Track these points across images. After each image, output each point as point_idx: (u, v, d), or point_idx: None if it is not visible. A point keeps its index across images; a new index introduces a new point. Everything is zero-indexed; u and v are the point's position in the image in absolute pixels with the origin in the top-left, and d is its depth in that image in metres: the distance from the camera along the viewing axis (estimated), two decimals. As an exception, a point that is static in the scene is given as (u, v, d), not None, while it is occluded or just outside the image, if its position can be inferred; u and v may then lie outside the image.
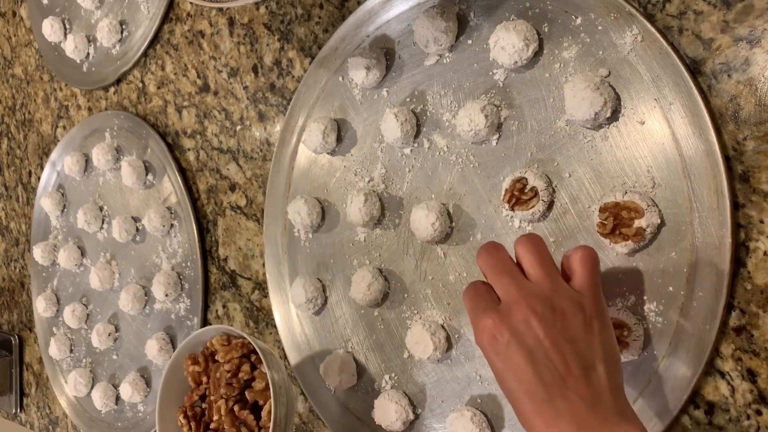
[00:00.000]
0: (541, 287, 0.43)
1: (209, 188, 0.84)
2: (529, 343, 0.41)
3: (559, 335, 0.41)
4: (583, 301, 0.43)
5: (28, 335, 1.14)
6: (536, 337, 0.41)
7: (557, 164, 0.55)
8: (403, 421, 0.62)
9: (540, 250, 0.45)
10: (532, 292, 0.43)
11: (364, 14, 0.66)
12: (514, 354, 0.41)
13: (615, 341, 0.44)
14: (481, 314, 0.43)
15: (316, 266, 0.71)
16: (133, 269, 0.92)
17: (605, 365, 0.42)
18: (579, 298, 0.43)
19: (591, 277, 0.45)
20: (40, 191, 1.07)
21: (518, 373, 0.41)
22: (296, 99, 0.72)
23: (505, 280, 0.44)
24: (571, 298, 0.43)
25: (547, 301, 0.42)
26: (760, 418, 0.47)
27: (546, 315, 0.42)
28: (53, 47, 1.04)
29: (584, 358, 0.41)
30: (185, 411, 0.65)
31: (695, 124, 0.48)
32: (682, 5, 0.50)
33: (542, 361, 0.41)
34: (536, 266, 0.44)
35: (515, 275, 0.44)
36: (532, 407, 0.41)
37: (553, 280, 0.44)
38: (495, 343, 0.42)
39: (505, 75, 0.58)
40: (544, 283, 0.44)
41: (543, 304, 0.42)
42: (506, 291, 0.44)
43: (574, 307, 0.43)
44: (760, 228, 0.47)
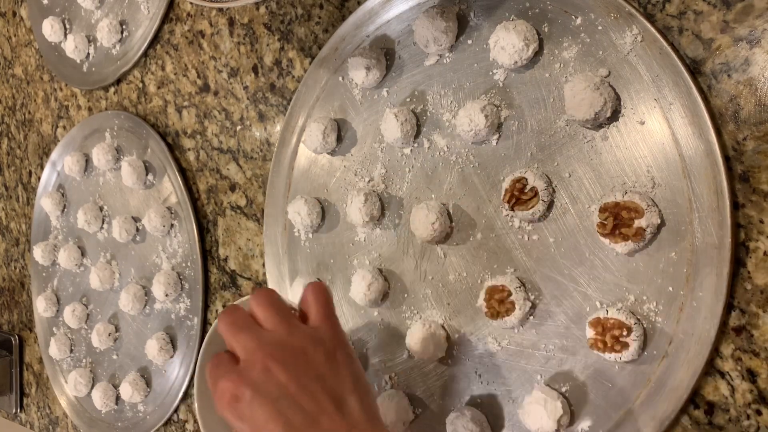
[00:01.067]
0: (278, 333, 0.42)
1: (209, 188, 0.84)
2: (272, 393, 0.39)
3: (304, 375, 0.40)
4: (321, 335, 0.43)
5: (28, 335, 1.14)
6: (279, 384, 0.40)
7: (557, 164, 0.55)
8: (403, 421, 0.62)
9: (271, 299, 0.45)
10: (268, 340, 0.42)
11: (364, 14, 0.66)
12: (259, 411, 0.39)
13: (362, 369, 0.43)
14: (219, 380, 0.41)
15: (316, 266, 0.71)
16: (133, 269, 0.92)
17: (357, 395, 0.41)
18: (317, 333, 0.43)
19: (324, 309, 0.44)
20: (40, 191, 1.07)
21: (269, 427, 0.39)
22: (296, 99, 0.72)
23: (242, 336, 0.42)
24: (309, 335, 0.42)
25: (284, 344, 0.41)
26: (760, 418, 0.47)
27: (286, 358, 0.40)
28: (53, 47, 1.04)
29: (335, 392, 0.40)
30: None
31: (695, 124, 0.48)
32: (682, 5, 0.50)
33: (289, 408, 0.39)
34: (270, 315, 0.43)
35: (251, 328, 0.43)
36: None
37: (288, 324, 0.43)
38: (237, 406, 0.40)
39: (505, 75, 0.58)
40: (280, 328, 0.43)
41: (281, 349, 0.41)
42: (243, 346, 0.42)
43: (313, 343, 0.42)
44: (760, 228, 0.47)
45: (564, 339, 0.55)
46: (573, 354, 0.54)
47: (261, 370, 0.40)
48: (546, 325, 0.55)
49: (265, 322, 0.44)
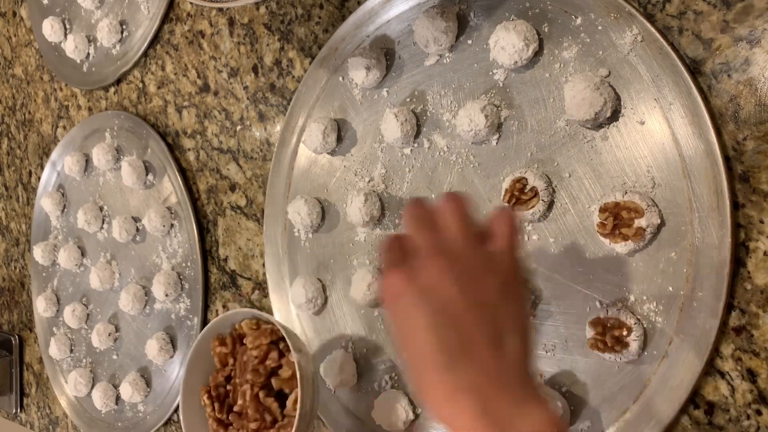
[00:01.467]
0: (459, 246, 0.39)
1: (209, 188, 0.84)
2: (435, 304, 0.36)
3: (472, 297, 0.37)
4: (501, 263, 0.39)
5: (28, 335, 1.14)
6: (445, 298, 0.37)
7: (557, 164, 0.55)
8: (403, 421, 0.62)
9: (462, 206, 0.41)
10: (449, 248, 0.39)
11: (364, 14, 0.66)
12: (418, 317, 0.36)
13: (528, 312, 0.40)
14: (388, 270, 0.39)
15: (316, 266, 0.71)
16: (133, 269, 0.92)
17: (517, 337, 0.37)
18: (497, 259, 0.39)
19: (510, 238, 0.40)
20: (41, 191, 1.07)
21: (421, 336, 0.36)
22: (296, 99, 0.72)
23: (423, 234, 0.40)
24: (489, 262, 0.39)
25: (463, 259, 0.38)
26: (760, 418, 0.47)
27: (460, 274, 0.37)
28: (53, 47, 1.04)
29: (496, 326, 0.37)
30: (209, 391, 0.64)
31: (695, 124, 0.48)
32: (682, 5, 0.50)
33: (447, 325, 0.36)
34: (456, 223, 0.40)
35: (434, 229, 0.40)
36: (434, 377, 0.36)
37: (471, 240, 0.40)
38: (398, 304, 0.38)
39: (505, 75, 0.58)
40: (462, 241, 0.39)
41: (459, 262, 0.38)
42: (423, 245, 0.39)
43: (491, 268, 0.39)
44: (760, 228, 0.47)
45: (564, 339, 0.55)
46: (573, 354, 0.54)
47: (431, 277, 0.37)
48: (546, 325, 0.55)
49: (449, 229, 0.40)
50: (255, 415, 0.61)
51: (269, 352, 0.62)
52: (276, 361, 0.62)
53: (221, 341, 0.65)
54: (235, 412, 0.63)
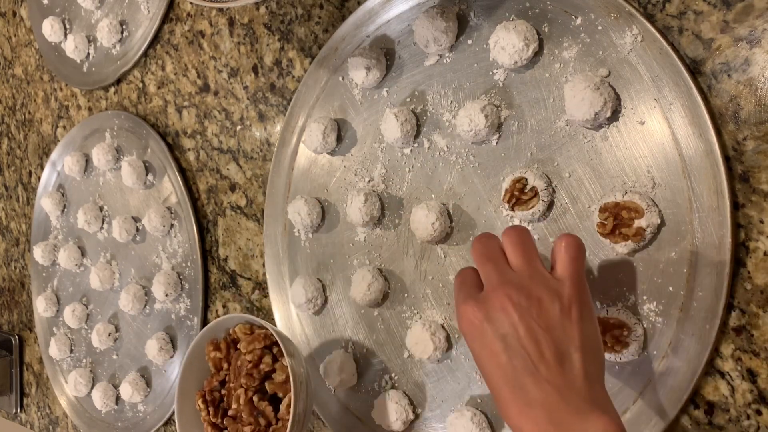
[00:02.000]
0: (521, 275, 0.44)
1: (209, 188, 0.84)
2: (503, 329, 0.42)
3: (534, 323, 0.41)
4: (562, 289, 0.43)
5: (28, 335, 1.14)
6: (511, 324, 0.42)
7: (557, 164, 0.55)
8: (403, 421, 0.62)
9: (523, 239, 0.46)
10: (511, 280, 0.43)
11: (364, 14, 0.66)
12: (490, 340, 0.42)
13: (597, 331, 0.44)
14: (463, 301, 0.44)
15: (316, 266, 0.71)
16: (133, 269, 0.92)
17: (582, 354, 0.41)
18: (558, 286, 0.43)
19: (573, 264, 0.44)
20: (41, 191, 1.07)
21: (494, 359, 0.42)
22: (296, 99, 0.72)
23: (488, 268, 0.45)
24: (550, 287, 0.43)
25: (524, 289, 0.43)
26: (760, 418, 0.47)
27: (521, 302, 0.42)
28: (53, 47, 1.04)
29: (559, 346, 0.41)
30: (204, 395, 0.64)
31: (695, 124, 0.48)
32: (682, 5, 0.50)
33: (515, 348, 0.41)
34: (518, 255, 0.45)
35: (498, 263, 0.45)
36: (508, 394, 0.41)
37: (533, 269, 0.44)
38: (473, 329, 0.43)
39: (505, 75, 0.58)
40: (524, 271, 0.44)
41: (520, 292, 0.42)
42: (488, 278, 0.45)
43: (551, 294, 0.43)
44: (760, 228, 0.47)
45: (564, 339, 0.54)
46: (573, 354, 0.54)
47: (498, 306, 0.42)
48: (546, 325, 0.55)
49: (512, 261, 0.45)
50: (249, 419, 0.61)
51: (263, 357, 0.63)
52: (270, 365, 0.63)
53: (215, 346, 0.66)
54: (230, 416, 0.63)
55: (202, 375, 0.66)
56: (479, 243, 0.47)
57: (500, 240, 0.47)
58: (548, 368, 0.41)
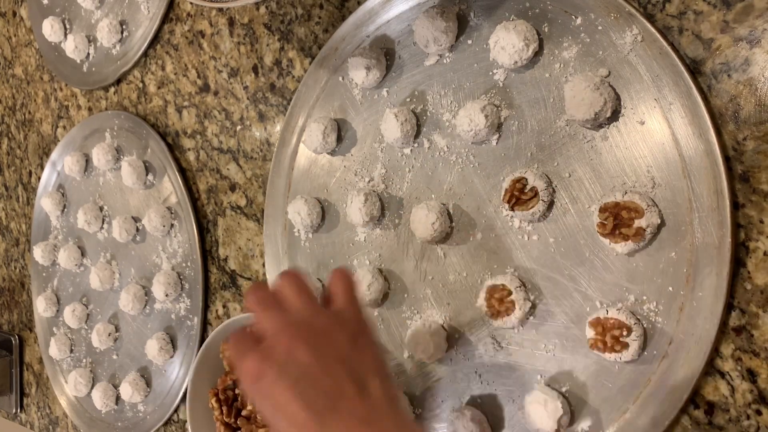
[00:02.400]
0: (303, 314, 0.43)
1: (209, 188, 0.84)
2: (294, 373, 0.39)
3: (327, 356, 0.40)
4: (345, 318, 0.43)
5: (28, 335, 1.14)
6: (302, 365, 0.39)
7: (557, 164, 0.55)
8: (403, 421, 0.62)
9: (297, 280, 0.45)
10: (293, 320, 0.42)
11: (364, 14, 0.66)
12: (281, 391, 0.39)
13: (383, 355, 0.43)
14: (242, 358, 0.41)
15: (316, 266, 0.71)
16: (133, 269, 0.92)
17: (379, 379, 0.40)
18: (341, 316, 0.43)
19: (347, 294, 0.45)
20: (41, 191, 1.07)
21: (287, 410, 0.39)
22: (296, 99, 0.72)
23: (267, 314, 0.43)
24: (333, 318, 0.43)
25: (309, 325, 0.41)
26: (760, 418, 0.47)
27: (309, 339, 0.40)
28: (53, 47, 1.04)
29: (357, 374, 0.40)
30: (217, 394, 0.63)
31: (695, 124, 0.48)
32: (682, 5, 0.50)
33: (310, 389, 0.39)
34: (295, 296, 0.44)
35: (277, 308, 0.43)
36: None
37: (313, 306, 0.43)
38: (260, 385, 0.40)
39: (505, 75, 0.58)
40: (305, 310, 0.43)
41: (306, 329, 0.41)
42: (269, 324, 0.42)
43: (337, 325, 0.42)
44: (760, 228, 0.47)
45: (564, 339, 0.55)
46: (573, 354, 0.54)
47: (285, 350, 0.40)
48: (546, 325, 0.55)
49: (290, 302, 0.44)
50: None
51: None
52: None
53: None
54: (244, 416, 0.62)
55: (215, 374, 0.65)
56: (252, 292, 0.44)
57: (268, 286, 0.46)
58: (349, 401, 0.39)
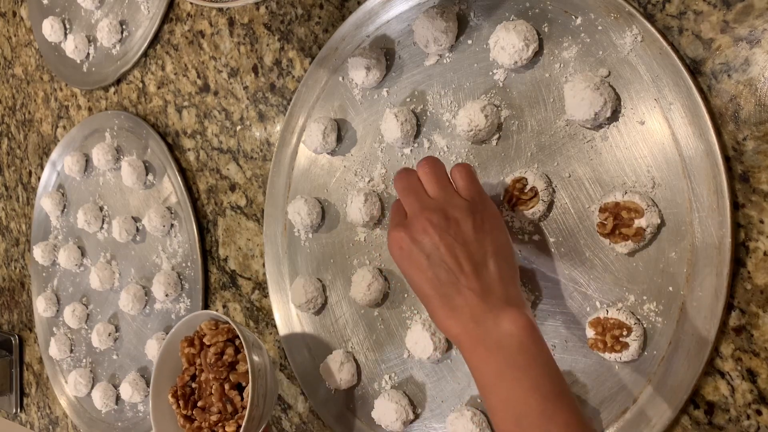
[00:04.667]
0: (438, 201, 0.50)
1: (209, 188, 0.84)
2: (427, 248, 0.48)
3: (453, 239, 0.48)
4: (472, 207, 0.50)
5: (28, 335, 1.14)
6: (432, 243, 0.48)
7: (557, 164, 0.55)
8: (403, 421, 0.62)
9: (435, 170, 0.52)
10: (429, 205, 0.50)
11: (364, 14, 0.66)
12: (417, 258, 0.48)
13: (508, 239, 0.51)
14: (392, 229, 0.51)
15: (316, 266, 0.71)
16: (133, 269, 0.92)
17: (495, 260, 0.48)
18: (468, 205, 0.50)
19: (473, 186, 0.52)
20: (40, 191, 1.07)
21: (422, 274, 0.48)
22: (296, 99, 0.72)
23: (410, 199, 0.51)
24: (462, 207, 0.50)
25: (441, 212, 0.49)
26: (760, 418, 0.47)
27: (440, 223, 0.49)
28: (53, 47, 1.04)
29: (475, 257, 0.48)
30: (175, 391, 0.69)
31: (695, 124, 0.48)
32: (682, 5, 0.50)
33: (438, 263, 0.48)
34: (433, 184, 0.52)
35: (418, 194, 0.51)
36: (436, 302, 0.48)
37: (447, 195, 0.51)
38: (401, 251, 0.49)
39: (505, 75, 0.58)
40: (439, 197, 0.51)
41: (438, 215, 0.49)
42: (410, 207, 0.51)
43: (464, 213, 0.49)
44: (760, 228, 0.47)
45: (564, 339, 0.55)
46: (573, 354, 0.54)
47: (421, 229, 0.49)
48: (546, 325, 0.55)
49: (428, 190, 0.52)
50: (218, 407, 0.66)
51: (225, 349, 0.67)
52: (232, 356, 0.67)
53: (190, 342, 0.69)
54: (199, 407, 0.68)
55: (175, 372, 0.71)
56: (399, 178, 0.53)
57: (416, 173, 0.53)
58: (467, 277, 0.47)
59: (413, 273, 0.49)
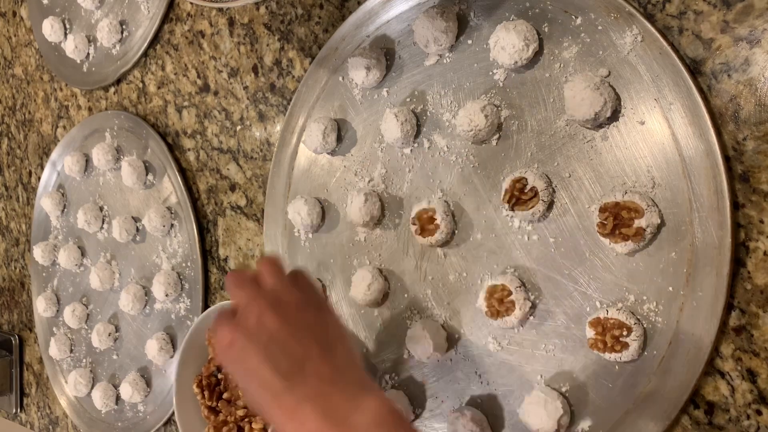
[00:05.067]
0: (275, 289, 0.46)
1: (209, 188, 0.84)
2: (263, 338, 0.42)
3: (294, 323, 0.43)
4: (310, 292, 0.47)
5: (28, 335, 1.14)
6: (270, 330, 0.42)
7: (557, 164, 0.55)
8: (403, 421, 0.62)
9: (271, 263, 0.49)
10: (264, 294, 0.45)
11: (364, 14, 0.66)
12: (251, 356, 0.42)
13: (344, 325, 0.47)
14: (217, 329, 0.45)
15: (316, 266, 0.71)
16: (133, 269, 0.92)
17: (342, 344, 0.44)
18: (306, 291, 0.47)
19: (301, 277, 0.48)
20: (40, 191, 1.07)
21: (257, 375, 0.41)
22: (296, 99, 0.72)
23: (242, 290, 0.46)
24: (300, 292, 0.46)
25: (279, 297, 0.45)
26: (760, 418, 0.47)
27: (278, 308, 0.44)
28: (53, 47, 1.04)
29: (322, 339, 0.43)
30: (200, 380, 0.66)
31: (695, 124, 0.48)
32: (682, 5, 0.50)
33: (278, 353, 0.41)
34: (269, 275, 0.47)
35: (252, 285, 0.47)
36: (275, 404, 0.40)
37: (283, 283, 0.47)
38: (232, 350, 0.43)
39: (505, 75, 0.58)
40: (277, 286, 0.46)
41: (276, 300, 0.44)
42: (242, 298, 0.46)
43: (304, 299, 0.46)
44: (760, 228, 0.47)
45: (564, 339, 0.55)
46: (573, 354, 0.54)
47: (255, 318, 0.43)
48: (546, 325, 0.55)
49: (265, 281, 0.47)
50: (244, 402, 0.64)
51: None
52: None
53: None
54: (224, 399, 0.66)
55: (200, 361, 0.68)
56: (232, 274, 0.48)
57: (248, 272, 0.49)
58: (314, 362, 0.41)
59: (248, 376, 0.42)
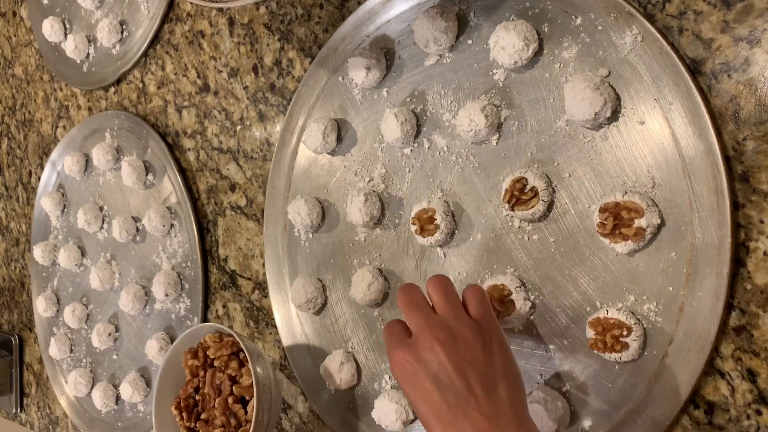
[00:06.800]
0: (445, 318, 0.48)
1: (209, 188, 0.84)
2: (434, 368, 0.45)
3: (461, 359, 0.46)
4: (480, 326, 0.48)
5: (28, 335, 1.14)
6: (440, 362, 0.45)
7: (557, 164, 0.55)
8: (403, 421, 0.62)
9: (445, 287, 0.50)
10: (436, 323, 0.47)
11: (364, 14, 0.66)
12: (422, 380, 0.45)
13: (514, 360, 0.48)
14: (394, 348, 0.48)
15: (316, 266, 0.71)
16: (133, 269, 0.92)
17: (506, 382, 0.46)
18: (477, 324, 0.48)
19: (482, 306, 0.50)
20: (41, 191, 1.07)
21: (426, 398, 0.45)
22: (296, 99, 0.72)
23: (415, 315, 0.49)
24: (471, 326, 0.48)
25: (449, 329, 0.47)
26: (760, 418, 0.47)
27: (448, 342, 0.46)
28: (53, 47, 1.04)
29: (485, 378, 0.45)
30: (179, 403, 0.68)
31: (695, 124, 0.48)
32: (682, 5, 0.50)
33: (446, 384, 0.45)
34: (442, 301, 0.49)
35: (424, 310, 0.49)
36: (438, 425, 0.44)
37: (456, 312, 0.48)
38: (405, 373, 0.46)
39: (505, 75, 0.58)
40: (448, 314, 0.48)
41: (446, 333, 0.47)
42: (415, 324, 0.48)
43: (473, 333, 0.47)
44: (760, 228, 0.47)
45: (564, 339, 0.55)
46: (573, 354, 0.54)
47: (428, 348, 0.46)
48: (546, 325, 0.55)
49: (436, 306, 0.49)
50: (222, 420, 0.66)
51: (229, 362, 0.67)
52: (236, 370, 0.67)
53: (193, 354, 0.69)
54: (202, 420, 0.68)
55: (178, 384, 0.70)
56: (404, 293, 0.51)
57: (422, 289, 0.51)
58: (477, 400, 0.44)
59: (418, 397, 0.46)
